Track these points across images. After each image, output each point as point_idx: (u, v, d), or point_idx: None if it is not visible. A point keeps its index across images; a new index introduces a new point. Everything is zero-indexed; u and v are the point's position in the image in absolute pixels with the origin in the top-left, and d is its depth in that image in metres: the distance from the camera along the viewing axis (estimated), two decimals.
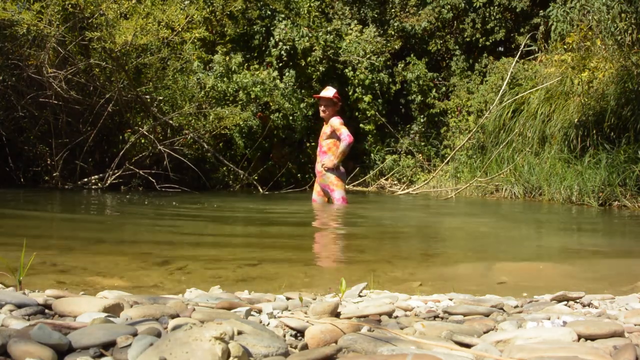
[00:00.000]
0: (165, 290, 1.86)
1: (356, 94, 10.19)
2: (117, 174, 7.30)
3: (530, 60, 10.07)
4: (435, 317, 1.46)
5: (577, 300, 1.68)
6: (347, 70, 10.12)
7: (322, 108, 5.71)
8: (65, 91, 7.08)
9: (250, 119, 8.48)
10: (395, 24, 11.32)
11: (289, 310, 1.45)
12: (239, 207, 6.01)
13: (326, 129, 5.71)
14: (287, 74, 9.37)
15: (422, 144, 10.96)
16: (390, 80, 10.67)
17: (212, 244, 3.16)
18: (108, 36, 6.41)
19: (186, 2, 7.60)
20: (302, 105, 9.37)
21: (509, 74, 8.70)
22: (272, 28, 9.61)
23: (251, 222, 4.64)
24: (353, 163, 9.99)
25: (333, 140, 5.67)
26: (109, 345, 1.02)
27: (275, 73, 9.12)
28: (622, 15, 7.38)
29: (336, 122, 5.61)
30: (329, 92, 5.72)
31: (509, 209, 6.44)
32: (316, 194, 5.90)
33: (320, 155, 5.78)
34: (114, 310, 1.30)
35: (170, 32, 6.91)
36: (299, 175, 9.70)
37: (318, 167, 5.81)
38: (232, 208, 5.82)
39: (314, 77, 9.78)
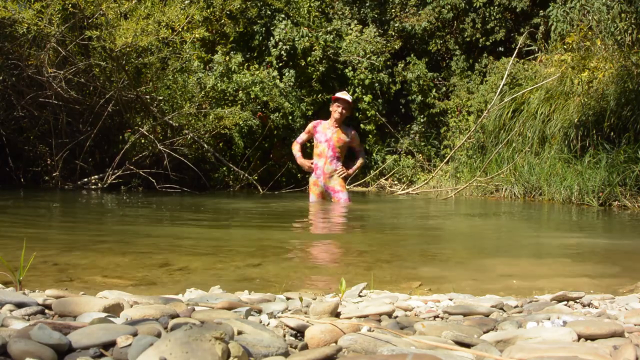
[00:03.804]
0: (165, 290, 1.86)
1: (356, 94, 10.19)
2: (117, 174, 7.30)
3: (530, 60, 10.07)
4: (435, 317, 1.47)
5: (577, 300, 1.68)
6: (347, 70, 10.12)
7: (341, 109, 5.72)
8: (65, 91, 7.08)
9: (250, 119, 8.47)
10: (395, 24, 11.32)
11: (289, 310, 1.45)
12: (239, 207, 6.01)
13: (342, 136, 5.80)
14: (286, 73, 9.37)
15: (422, 144, 10.96)
16: (390, 80, 10.66)
17: (212, 244, 3.15)
18: (108, 36, 6.41)
19: (186, 2, 7.60)
20: (302, 105, 9.37)
21: (507, 72, 8.70)
22: (272, 28, 9.61)
23: (251, 222, 4.63)
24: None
25: (346, 149, 5.95)
26: (109, 345, 1.02)
27: (275, 73, 9.12)
28: (622, 15, 7.39)
29: (358, 138, 6.02)
30: (348, 96, 5.83)
31: (508, 209, 6.44)
32: (314, 197, 5.91)
33: (331, 158, 5.79)
34: (114, 310, 1.31)
35: (170, 32, 6.91)
36: (299, 175, 9.69)
37: (326, 169, 5.80)
38: (232, 208, 5.82)
39: (314, 77, 9.78)
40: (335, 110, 5.72)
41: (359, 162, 5.98)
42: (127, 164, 7.36)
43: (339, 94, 5.81)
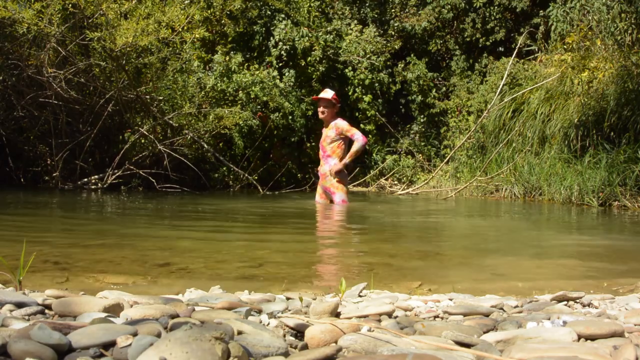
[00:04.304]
0: (165, 290, 1.86)
1: (356, 94, 10.19)
2: (117, 174, 7.30)
3: (530, 60, 10.07)
4: (435, 317, 1.47)
5: (577, 300, 1.68)
6: (347, 70, 10.12)
7: (321, 109, 5.68)
8: (65, 91, 7.08)
9: (250, 119, 8.48)
10: (395, 24, 11.32)
11: (289, 310, 1.45)
12: (239, 207, 6.01)
13: (329, 132, 5.67)
14: (286, 73, 9.37)
15: (422, 144, 10.96)
16: (390, 80, 10.66)
17: (212, 244, 3.16)
18: (108, 36, 6.41)
19: (186, 2, 7.60)
20: (302, 105, 9.37)
21: (507, 72, 8.70)
22: (272, 28, 9.61)
23: (251, 222, 4.64)
24: (354, 164, 9.99)
25: (337, 142, 5.66)
26: (109, 345, 1.02)
27: (275, 73, 9.12)
28: (622, 15, 7.39)
29: (344, 124, 5.63)
30: (327, 93, 5.70)
31: (508, 209, 6.44)
32: (318, 196, 5.93)
33: (324, 158, 5.76)
34: (114, 310, 1.31)
35: (170, 32, 6.90)
36: (299, 175, 9.69)
37: (322, 170, 5.80)
38: (232, 208, 5.82)
39: (314, 77, 9.78)
40: (318, 111, 5.74)
41: (352, 149, 5.52)
42: (127, 164, 7.35)
43: (321, 95, 5.79)
